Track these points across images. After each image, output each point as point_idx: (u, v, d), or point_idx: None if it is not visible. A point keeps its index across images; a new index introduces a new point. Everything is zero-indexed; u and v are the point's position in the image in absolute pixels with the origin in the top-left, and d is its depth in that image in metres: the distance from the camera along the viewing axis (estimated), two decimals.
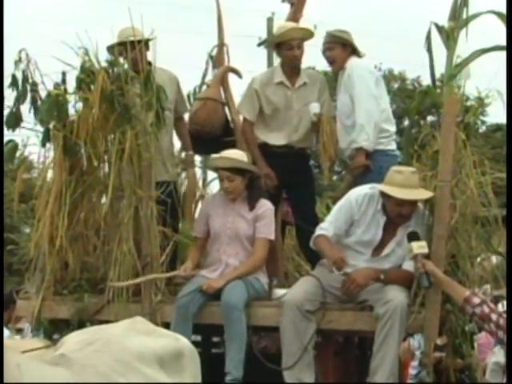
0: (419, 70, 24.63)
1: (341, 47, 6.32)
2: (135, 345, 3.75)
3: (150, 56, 6.12)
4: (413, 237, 5.22)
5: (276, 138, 6.40)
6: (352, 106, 6.17)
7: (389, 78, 26.91)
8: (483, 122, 23.43)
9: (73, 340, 3.77)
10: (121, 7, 5.78)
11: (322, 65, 7.17)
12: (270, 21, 6.36)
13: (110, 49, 6.12)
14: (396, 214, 5.36)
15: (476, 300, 4.86)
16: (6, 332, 7.37)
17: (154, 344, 3.82)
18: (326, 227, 5.55)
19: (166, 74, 6.43)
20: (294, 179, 6.36)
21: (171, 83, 6.48)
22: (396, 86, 28.18)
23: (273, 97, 6.39)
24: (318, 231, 5.57)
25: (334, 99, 6.72)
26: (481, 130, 22.03)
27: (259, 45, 8.35)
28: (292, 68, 6.39)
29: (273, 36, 6.44)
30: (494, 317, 4.78)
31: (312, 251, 6.10)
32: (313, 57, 6.54)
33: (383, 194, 5.38)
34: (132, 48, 5.97)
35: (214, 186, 6.73)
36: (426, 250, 5.14)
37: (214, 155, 6.08)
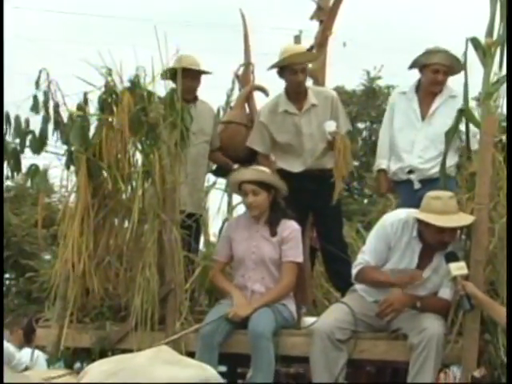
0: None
1: None
2: (162, 375, 3.67)
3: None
4: (451, 258, 5.03)
5: (293, 166, 6.20)
6: None
7: None
8: None
9: (96, 370, 3.68)
10: (139, 26, 5.66)
11: (352, 84, 7.00)
12: (297, 39, 6.16)
13: (164, 73, 5.93)
14: (437, 241, 5.14)
15: None
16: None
17: (181, 374, 3.74)
18: (366, 260, 5.30)
19: (205, 106, 6.40)
20: (318, 202, 6.14)
21: (210, 116, 6.43)
22: None
23: (281, 126, 6.19)
24: (359, 266, 5.31)
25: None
26: None
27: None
28: (297, 93, 6.18)
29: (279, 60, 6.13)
30: None
31: (340, 277, 5.94)
32: (340, 76, 6.36)
33: (421, 222, 5.16)
34: (186, 76, 5.86)
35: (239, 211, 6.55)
36: (465, 271, 4.95)
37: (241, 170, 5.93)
